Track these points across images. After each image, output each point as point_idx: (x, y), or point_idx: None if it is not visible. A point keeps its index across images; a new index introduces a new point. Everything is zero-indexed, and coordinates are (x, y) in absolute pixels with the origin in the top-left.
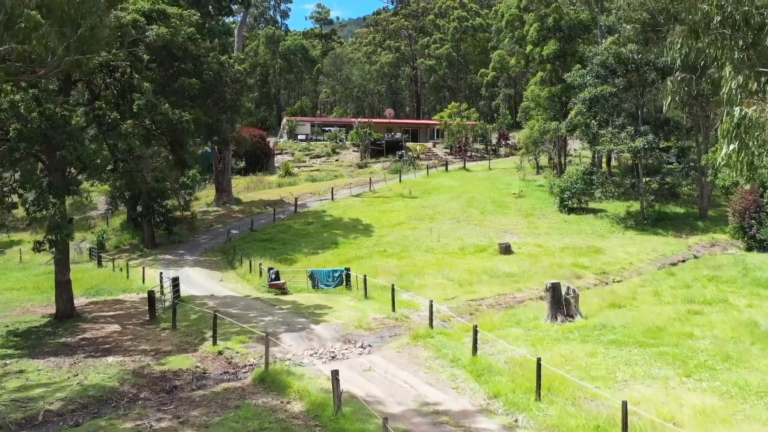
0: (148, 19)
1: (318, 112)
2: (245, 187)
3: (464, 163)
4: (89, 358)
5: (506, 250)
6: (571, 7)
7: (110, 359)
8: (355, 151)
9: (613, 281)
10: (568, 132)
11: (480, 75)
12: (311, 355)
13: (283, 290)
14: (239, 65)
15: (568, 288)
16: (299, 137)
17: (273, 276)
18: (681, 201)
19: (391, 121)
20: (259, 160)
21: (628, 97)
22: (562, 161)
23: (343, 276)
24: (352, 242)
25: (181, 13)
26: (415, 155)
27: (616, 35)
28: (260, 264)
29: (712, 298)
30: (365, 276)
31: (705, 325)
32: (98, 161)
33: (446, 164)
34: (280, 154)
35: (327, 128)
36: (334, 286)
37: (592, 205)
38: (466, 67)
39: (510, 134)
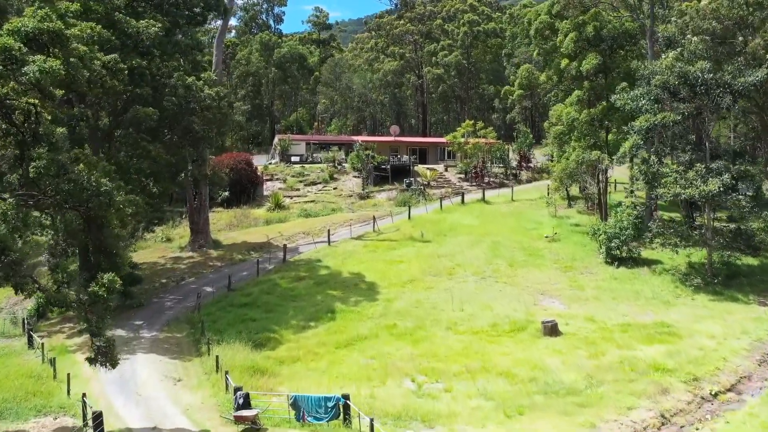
0: (31, 45)
1: (316, 124)
2: (227, 224)
3: (483, 194)
4: None
5: (552, 330)
6: (613, 14)
7: None
8: (356, 176)
9: (713, 394)
10: (617, 162)
11: (504, 93)
12: None
13: (253, 424)
14: (210, 88)
15: None
16: (293, 159)
17: (241, 401)
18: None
19: (397, 139)
20: (245, 190)
21: (695, 126)
22: (604, 198)
23: (340, 406)
24: (352, 310)
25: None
26: (424, 182)
27: (679, 49)
28: (226, 374)
29: None
30: (371, 420)
31: None
32: None
33: (462, 195)
34: (271, 180)
35: (326, 145)
36: (328, 420)
37: (644, 253)
38: (477, 75)
39: (531, 155)
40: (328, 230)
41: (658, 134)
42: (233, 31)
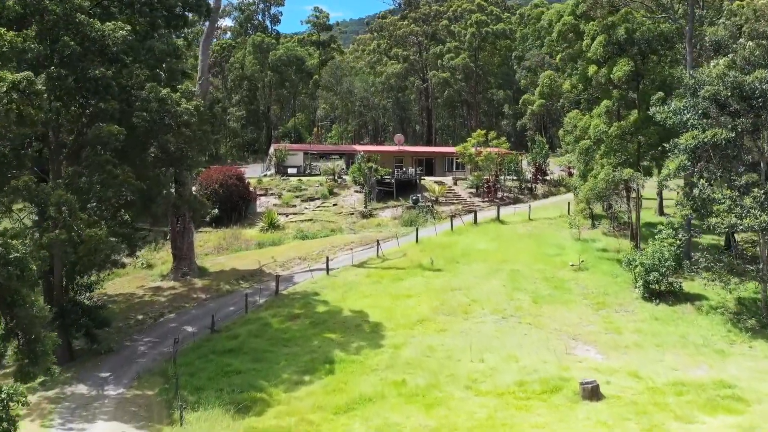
0: None
1: (315, 129)
2: (216, 247)
3: (497, 212)
4: None
5: (593, 393)
6: (643, 14)
7: None
8: (357, 191)
9: None
10: (661, 185)
11: (522, 102)
12: None
13: None
14: (189, 101)
15: None
16: (289, 171)
17: None
18: None
19: (401, 149)
20: (237, 207)
21: (751, 145)
22: (637, 223)
23: None
24: (354, 359)
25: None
26: (432, 198)
27: (731, 55)
28: None
29: None
30: None
31: None
32: None
33: (475, 214)
34: (265, 194)
35: (325, 155)
36: None
37: (684, 285)
38: (484, 79)
39: (547, 166)
40: (327, 257)
41: (706, 153)
42: (228, 32)
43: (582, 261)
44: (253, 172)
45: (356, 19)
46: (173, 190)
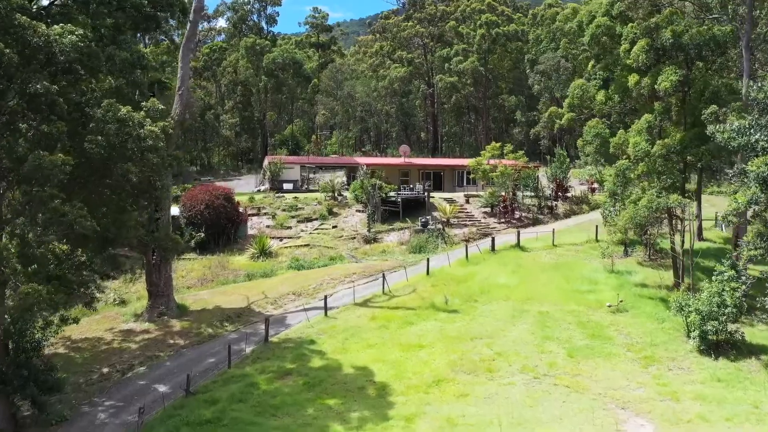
0: None
1: (314, 137)
2: (199, 278)
3: (517, 238)
4: None
5: None
6: (692, 15)
7: None
8: (359, 210)
9: None
10: (726, 222)
11: (549, 115)
12: None
13: None
14: (155, 122)
15: None
16: (285, 186)
17: None
18: None
19: (407, 162)
20: (225, 230)
21: None
22: (691, 259)
23: None
24: None
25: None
26: (443, 219)
27: None
28: None
29: None
30: None
31: None
32: None
33: (492, 241)
34: (257, 214)
35: (324, 167)
36: None
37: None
38: (494, 84)
39: (568, 181)
40: (326, 296)
41: None
42: (222, 34)
43: (621, 301)
44: (246, 185)
45: (357, 20)
46: (145, 217)
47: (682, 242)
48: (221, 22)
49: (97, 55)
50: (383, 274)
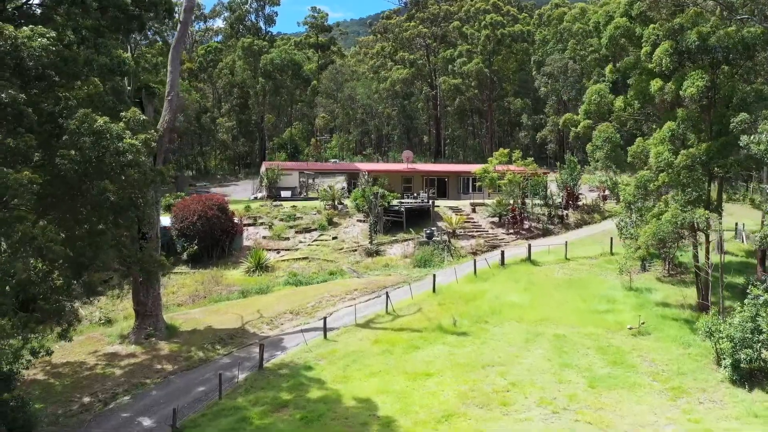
0: None
1: (313, 140)
2: (191, 295)
3: (528, 251)
4: None
5: None
6: (718, 16)
7: None
8: (360, 220)
9: None
10: (761, 243)
11: (564, 122)
12: None
13: None
14: (136, 135)
15: None
16: (282, 194)
17: None
18: None
19: (410, 168)
20: (219, 242)
21: None
22: (721, 280)
23: None
24: None
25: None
26: (449, 230)
27: None
28: None
29: None
30: None
31: None
32: None
33: (502, 255)
34: (253, 224)
35: (324, 173)
36: None
37: None
38: (499, 86)
39: (579, 189)
40: (325, 318)
41: None
42: (220, 34)
43: (642, 323)
44: (243, 191)
45: (357, 20)
46: (127, 238)
47: (707, 257)
48: (218, 23)
49: (74, 59)
50: (387, 293)
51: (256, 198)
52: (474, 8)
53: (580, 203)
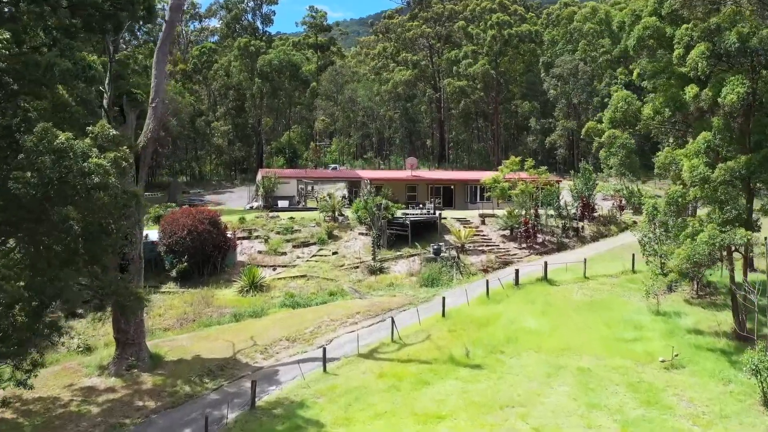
0: None
1: (312, 144)
2: (179, 318)
3: (544, 270)
4: None
5: None
6: (756, 15)
7: None
8: (362, 233)
9: None
10: None
11: (587, 132)
12: None
13: None
14: (103, 155)
15: None
16: (279, 203)
17: None
18: None
19: (415, 175)
20: (210, 258)
21: None
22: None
23: None
24: None
25: None
26: (458, 244)
27: None
28: None
29: None
30: None
31: None
32: None
33: (516, 274)
34: (248, 237)
35: (323, 181)
36: None
37: None
38: (506, 88)
39: (594, 199)
40: (324, 348)
41: None
42: (216, 35)
43: (676, 355)
44: (239, 198)
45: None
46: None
47: (745, 279)
48: (214, 22)
49: (35, 64)
50: (392, 319)
51: (251, 207)
52: (480, 7)
53: (596, 214)
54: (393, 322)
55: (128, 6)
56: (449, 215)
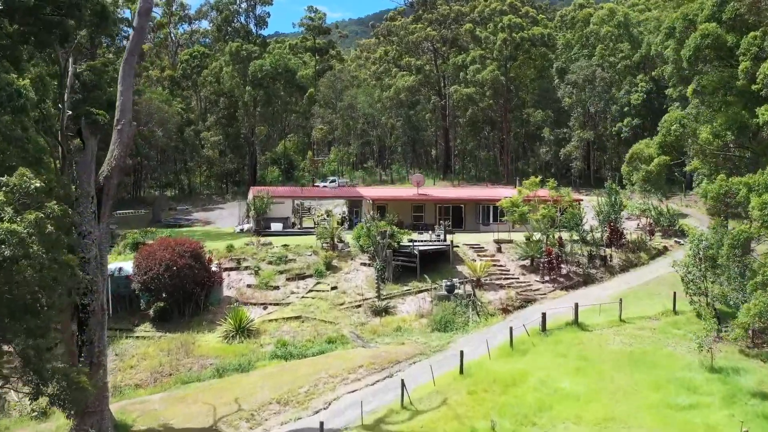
0: None
1: (310, 154)
2: (153, 370)
3: (575, 313)
4: None
5: None
6: None
7: None
8: (365, 263)
9: None
10: None
11: (631, 156)
12: None
13: None
14: (20, 216)
15: None
16: (273, 225)
17: None
18: None
19: (422, 195)
20: (192, 296)
21: None
22: None
23: None
24: None
25: None
26: (473, 278)
27: None
28: None
29: None
30: None
31: None
32: None
33: (543, 317)
34: (237, 268)
35: (322, 199)
36: None
37: None
38: (516, 95)
39: (622, 221)
40: (321, 423)
41: None
42: (208, 38)
43: (745, 431)
44: (230, 216)
45: (356, 19)
46: (31, 352)
47: None
48: (204, 25)
49: None
50: (402, 382)
51: (242, 230)
52: (489, 9)
53: (624, 240)
54: (403, 385)
55: (73, 11)
56: (461, 241)
